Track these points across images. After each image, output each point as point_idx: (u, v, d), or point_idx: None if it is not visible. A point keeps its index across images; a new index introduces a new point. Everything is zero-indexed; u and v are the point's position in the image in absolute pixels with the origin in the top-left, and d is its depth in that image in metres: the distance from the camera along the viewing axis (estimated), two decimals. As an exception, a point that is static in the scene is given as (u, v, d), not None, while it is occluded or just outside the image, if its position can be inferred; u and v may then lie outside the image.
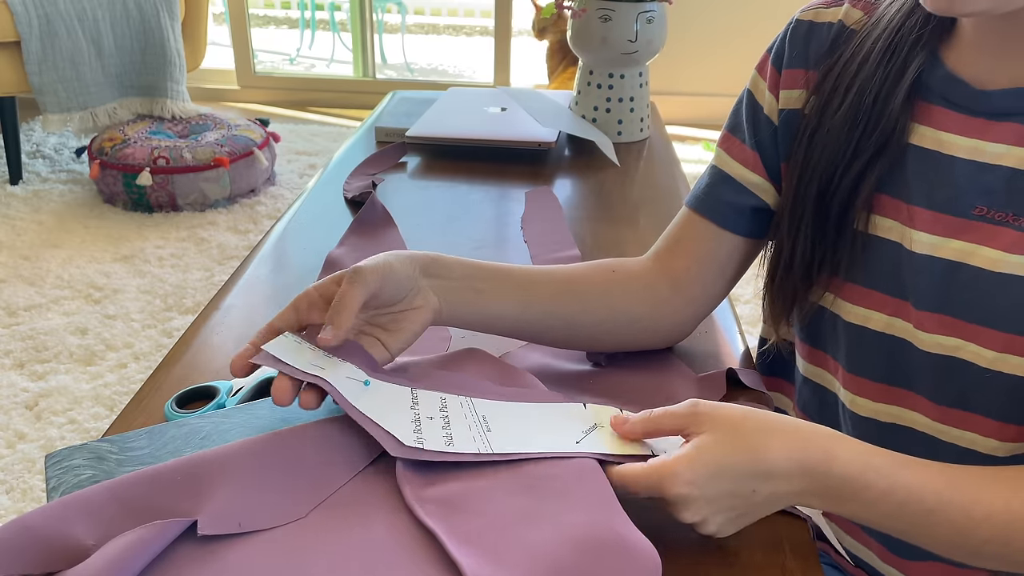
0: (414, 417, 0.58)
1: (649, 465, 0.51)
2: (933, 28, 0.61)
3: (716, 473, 0.50)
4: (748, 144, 0.71)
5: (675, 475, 0.50)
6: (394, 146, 1.28)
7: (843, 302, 0.66)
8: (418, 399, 0.60)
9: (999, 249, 0.57)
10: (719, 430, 0.51)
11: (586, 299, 0.70)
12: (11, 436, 1.69)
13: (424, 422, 0.57)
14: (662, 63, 3.35)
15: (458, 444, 0.56)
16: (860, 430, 0.67)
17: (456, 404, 0.60)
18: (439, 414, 0.59)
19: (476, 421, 0.59)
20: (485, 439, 0.57)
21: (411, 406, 0.59)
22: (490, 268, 0.68)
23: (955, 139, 0.60)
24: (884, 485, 0.51)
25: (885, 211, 0.63)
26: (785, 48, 0.69)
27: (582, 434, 0.58)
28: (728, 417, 0.52)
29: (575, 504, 0.52)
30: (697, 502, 0.50)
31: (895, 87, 0.61)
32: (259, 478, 0.53)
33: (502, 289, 0.68)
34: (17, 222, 2.59)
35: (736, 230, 0.72)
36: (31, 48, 2.56)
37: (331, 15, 4.96)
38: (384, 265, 0.60)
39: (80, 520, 0.48)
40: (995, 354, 0.58)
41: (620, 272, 0.73)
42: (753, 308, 2.21)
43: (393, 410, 0.58)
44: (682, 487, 0.50)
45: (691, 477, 0.50)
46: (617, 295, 0.71)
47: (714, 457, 0.50)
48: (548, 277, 0.70)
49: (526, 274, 0.70)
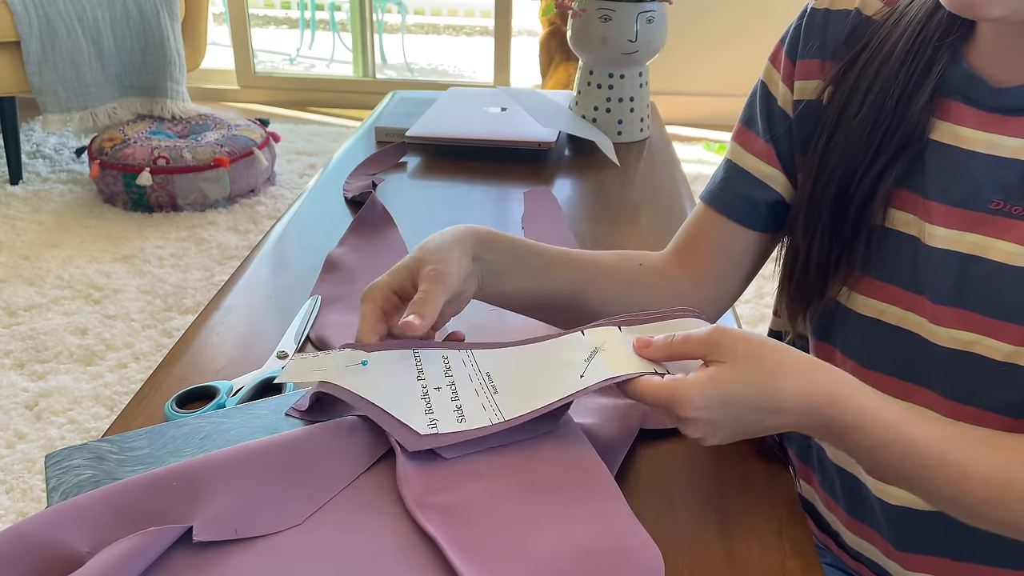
0: (423, 392, 0.58)
1: (665, 382, 0.53)
2: (957, 29, 0.61)
3: (727, 402, 0.52)
4: (763, 137, 0.71)
5: (688, 399, 0.51)
6: (394, 146, 1.28)
7: (857, 295, 0.66)
8: (422, 362, 0.60)
9: (1016, 243, 0.57)
10: (739, 364, 0.52)
11: (606, 288, 0.71)
12: (11, 436, 1.69)
13: (433, 395, 0.58)
14: (662, 63, 3.35)
15: (470, 417, 0.56)
16: None
17: (459, 362, 0.60)
18: (445, 381, 0.59)
19: (482, 381, 0.59)
20: (494, 403, 0.57)
21: (417, 376, 0.59)
22: (529, 246, 0.70)
23: (973, 134, 0.60)
24: (886, 437, 0.52)
25: (903, 205, 0.63)
26: (800, 38, 0.68)
27: (584, 364, 0.58)
28: (748, 353, 0.53)
29: (578, 510, 0.52)
30: (704, 426, 0.52)
31: (919, 88, 0.61)
32: (256, 484, 0.53)
33: (534, 267, 0.69)
34: (17, 222, 2.59)
35: (752, 226, 0.72)
36: (31, 48, 2.56)
37: (331, 15, 4.96)
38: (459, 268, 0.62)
39: (75, 527, 0.48)
40: (1011, 348, 0.58)
41: (646, 267, 0.74)
42: (754, 308, 2.21)
43: (402, 388, 0.58)
44: (692, 411, 0.51)
45: (703, 403, 0.51)
46: (640, 290, 0.72)
47: (729, 388, 0.52)
48: (576, 258, 0.72)
49: (559, 254, 0.71)
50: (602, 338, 0.59)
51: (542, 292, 0.69)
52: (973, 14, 0.54)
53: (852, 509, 0.71)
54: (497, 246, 0.67)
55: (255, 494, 0.52)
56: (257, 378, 0.69)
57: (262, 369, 0.71)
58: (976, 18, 0.55)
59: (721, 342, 0.53)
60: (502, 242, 0.67)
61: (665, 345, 0.56)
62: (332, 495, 0.53)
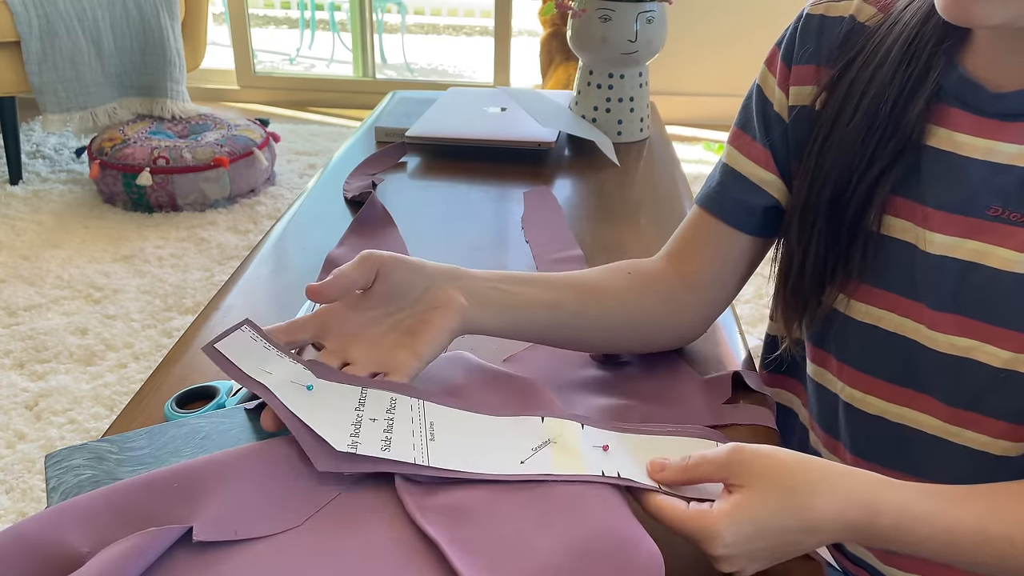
0: (355, 419, 0.55)
1: (690, 514, 0.50)
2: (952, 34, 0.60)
3: (759, 533, 0.49)
4: (759, 141, 0.70)
5: (718, 535, 0.49)
6: (394, 146, 1.28)
7: (855, 303, 0.65)
8: (366, 400, 0.57)
9: (1014, 249, 0.57)
10: (762, 487, 0.50)
11: (607, 303, 0.69)
12: (11, 436, 1.69)
13: (365, 424, 0.55)
14: (662, 63, 3.35)
15: (395, 450, 0.54)
16: (863, 429, 0.67)
17: (405, 407, 0.57)
18: (384, 416, 0.56)
19: (421, 427, 0.56)
20: (424, 449, 0.54)
21: (356, 407, 0.56)
22: (514, 274, 0.67)
23: (970, 140, 0.59)
24: (927, 531, 0.50)
25: (899, 212, 0.62)
26: (795, 43, 0.68)
27: (531, 452, 0.55)
28: (769, 472, 0.50)
29: (579, 512, 0.52)
30: (738, 560, 0.50)
31: (914, 94, 0.60)
32: (256, 485, 0.52)
33: (529, 292, 0.66)
34: (17, 222, 2.59)
35: (748, 230, 0.71)
36: (31, 48, 2.56)
37: (331, 15, 4.96)
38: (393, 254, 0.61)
39: (75, 527, 0.48)
40: (1010, 355, 0.58)
41: (636, 275, 0.72)
42: (753, 308, 2.21)
43: (334, 414, 0.55)
44: (722, 549, 0.49)
45: (733, 539, 0.49)
46: (634, 299, 0.71)
47: (759, 517, 0.49)
48: (569, 282, 0.69)
49: (549, 279, 0.69)
50: (559, 431, 0.57)
51: (556, 311, 0.67)
52: (969, 23, 0.53)
53: None
54: (473, 272, 0.65)
55: (255, 495, 0.52)
56: (257, 378, 0.68)
57: (262, 369, 0.70)
58: (973, 26, 0.54)
59: (739, 462, 0.51)
60: (475, 271, 0.65)
61: (681, 469, 0.53)
62: (332, 496, 0.53)
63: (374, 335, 0.60)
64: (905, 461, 0.65)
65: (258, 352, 0.58)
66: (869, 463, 0.67)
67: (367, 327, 0.61)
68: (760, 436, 0.66)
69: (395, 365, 0.59)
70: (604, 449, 0.56)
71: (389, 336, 0.60)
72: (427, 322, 0.60)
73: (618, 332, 0.71)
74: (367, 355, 0.59)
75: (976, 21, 0.53)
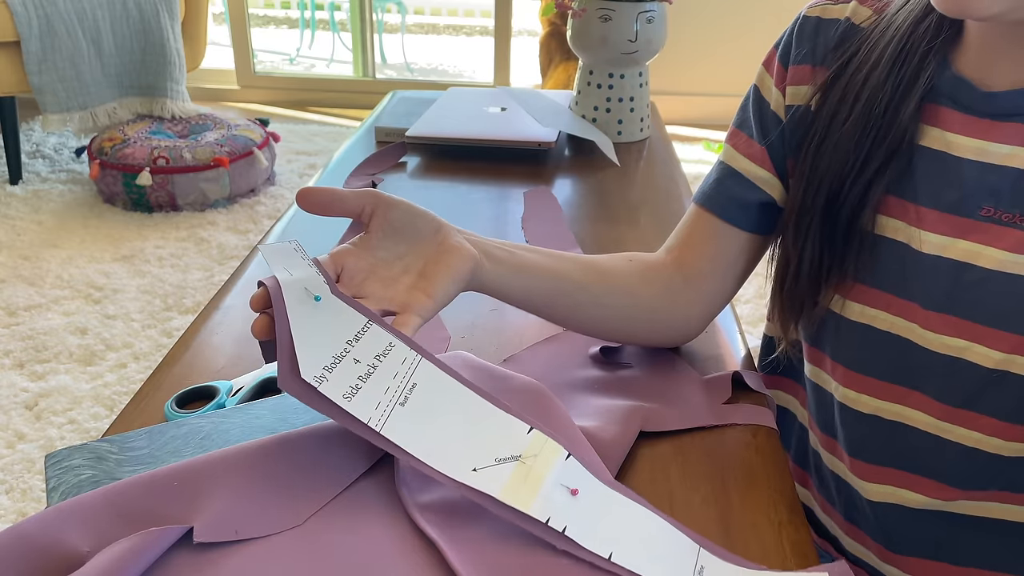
0: (340, 353, 0.53)
1: None
2: (944, 34, 0.60)
3: None
4: (756, 140, 0.71)
5: None
6: (394, 146, 1.28)
7: (849, 303, 0.65)
8: (363, 337, 0.54)
9: (1006, 250, 0.57)
10: None
11: (611, 281, 0.71)
12: (11, 436, 1.69)
13: (345, 363, 0.52)
14: (662, 63, 3.35)
15: (356, 403, 0.51)
16: (859, 428, 0.67)
17: (398, 358, 0.55)
18: (370, 361, 0.53)
19: (400, 385, 0.54)
20: (387, 411, 0.52)
21: (348, 340, 0.54)
22: (522, 245, 0.68)
23: (962, 140, 0.59)
24: None
25: (892, 212, 0.63)
26: (792, 44, 0.69)
27: (492, 462, 0.52)
28: None
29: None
30: None
31: (907, 95, 0.61)
32: (256, 485, 0.53)
33: (535, 258, 0.67)
34: (17, 222, 2.59)
35: (745, 227, 0.72)
36: (31, 48, 2.56)
37: (331, 15, 4.96)
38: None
39: (75, 527, 0.48)
40: (1002, 355, 0.58)
41: (637, 261, 0.74)
42: (753, 308, 2.21)
43: (324, 336, 0.53)
44: None
45: None
46: (636, 283, 0.72)
47: None
48: (574, 257, 0.71)
49: (553, 252, 0.70)
50: (537, 449, 0.53)
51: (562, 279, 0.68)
52: (965, 14, 0.53)
53: (848, 513, 0.71)
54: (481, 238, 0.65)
55: (255, 495, 0.52)
56: (257, 378, 0.68)
57: (262, 369, 0.71)
58: (969, 17, 0.54)
59: None
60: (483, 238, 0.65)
61: None
62: (332, 496, 0.53)
63: (388, 275, 0.60)
64: (901, 459, 0.66)
65: (294, 260, 0.56)
66: (866, 462, 0.67)
67: (380, 267, 0.60)
68: (760, 436, 0.66)
69: (408, 302, 0.58)
70: (572, 493, 0.52)
71: (402, 278, 0.60)
72: (440, 263, 0.59)
73: (619, 313, 0.71)
74: (381, 291, 0.59)
75: (972, 12, 0.53)
